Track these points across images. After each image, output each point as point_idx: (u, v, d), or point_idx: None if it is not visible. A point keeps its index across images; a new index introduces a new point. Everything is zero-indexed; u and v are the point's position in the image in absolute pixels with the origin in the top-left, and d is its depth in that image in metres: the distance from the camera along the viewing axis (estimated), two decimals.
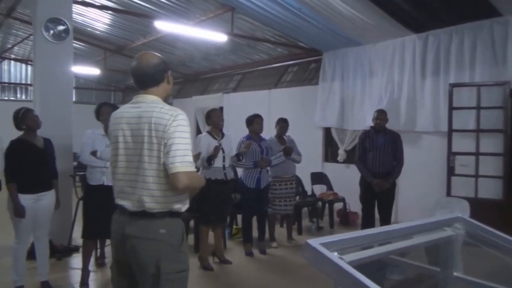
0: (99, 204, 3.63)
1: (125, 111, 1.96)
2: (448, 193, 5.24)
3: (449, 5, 5.19)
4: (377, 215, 4.83)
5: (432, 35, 5.86)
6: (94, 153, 3.65)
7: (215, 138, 4.33)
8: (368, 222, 4.73)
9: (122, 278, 1.98)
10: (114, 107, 3.85)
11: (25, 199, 3.42)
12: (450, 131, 5.36)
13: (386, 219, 4.71)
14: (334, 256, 1.06)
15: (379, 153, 4.68)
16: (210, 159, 4.16)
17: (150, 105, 1.89)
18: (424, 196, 5.60)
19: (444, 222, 1.44)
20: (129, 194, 1.89)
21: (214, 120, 4.42)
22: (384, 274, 1.80)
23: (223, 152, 4.32)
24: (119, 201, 1.94)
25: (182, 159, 1.79)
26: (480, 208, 4.44)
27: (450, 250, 1.43)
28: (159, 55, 2.02)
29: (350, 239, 1.20)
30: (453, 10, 5.30)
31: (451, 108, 5.37)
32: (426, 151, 5.97)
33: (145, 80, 1.95)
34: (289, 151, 5.08)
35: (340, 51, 7.24)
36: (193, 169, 1.83)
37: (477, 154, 5.22)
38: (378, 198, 4.70)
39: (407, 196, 6.00)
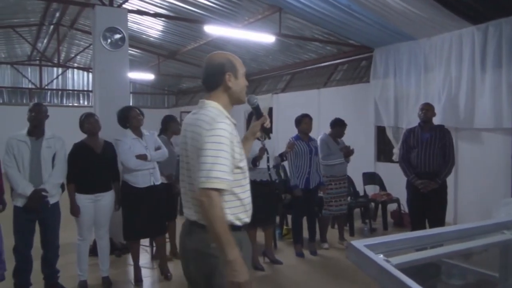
0: (147, 204, 3.79)
1: (189, 117, 1.91)
2: None
3: None
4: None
5: (493, 26, 5.49)
6: (143, 157, 3.77)
7: (258, 139, 4.34)
8: (417, 228, 4.28)
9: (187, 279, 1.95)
10: (140, 110, 4.00)
11: (83, 199, 3.65)
12: None
13: (438, 226, 4.28)
14: (379, 258, 1.03)
15: (424, 150, 4.28)
16: (255, 161, 4.18)
17: (202, 112, 1.80)
18: (485, 197, 5.27)
19: (503, 225, 1.35)
20: (187, 202, 1.86)
21: None
22: (438, 279, 1.72)
23: (267, 153, 4.33)
24: (184, 208, 1.91)
25: (208, 174, 1.63)
26: None
27: (509, 255, 1.34)
28: (225, 55, 1.87)
29: (397, 241, 1.16)
30: None
31: None
32: (487, 149, 5.62)
33: (204, 82, 1.87)
34: (351, 153, 5.03)
35: (392, 47, 7.00)
36: (221, 186, 1.64)
37: None
38: (428, 202, 4.24)
39: (467, 198, 5.68)
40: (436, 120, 4.73)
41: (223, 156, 1.65)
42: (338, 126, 5.19)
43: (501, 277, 1.36)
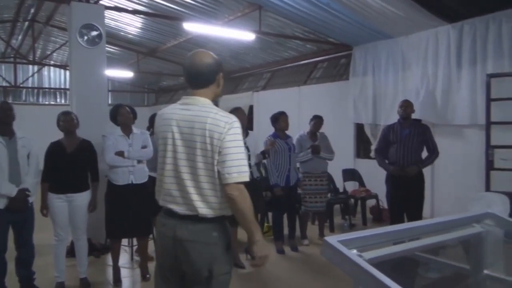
0: (127, 203, 3.75)
1: (175, 112, 1.91)
2: (487, 188, 5.02)
3: None
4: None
5: (467, 24, 5.62)
6: (120, 153, 3.73)
7: None
8: (396, 222, 4.31)
9: (167, 282, 1.96)
10: (131, 108, 3.96)
11: (54, 199, 3.59)
12: (488, 123, 5.13)
13: (415, 219, 4.34)
14: (352, 253, 1.04)
15: (403, 146, 4.39)
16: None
17: (203, 109, 1.84)
18: (461, 192, 5.39)
19: (473, 218, 1.39)
20: (179, 198, 1.86)
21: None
22: (415, 273, 1.76)
23: (248, 150, 4.32)
24: (166, 204, 1.91)
25: (239, 169, 1.76)
26: None
27: (479, 247, 1.37)
28: (214, 55, 1.94)
29: (371, 236, 1.18)
30: None
31: (489, 100, 5.14)
32: (463, 144, 5.75)
33: (196, 80, 1.89)
34: (317, 149, 5.03)
35: (370, 45, 7.09)
36: (248, 178, 1.80)
37: None
38: (406, 196, 4.37)
39: (444, 192, 5.81)
40: (414, 117, 4.83)
41: (243, 151, 1.82)
42: (317, 118, 5.24)
43: (471, 269, 1.40)
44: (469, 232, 1.35)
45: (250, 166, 4.34)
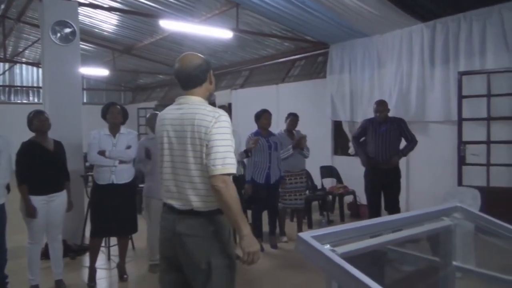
0: (108, 203, 3.71)
1: (169, 113, 2.01)
2: (460, 183, 5.17)
3: None
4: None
5: (440, 23, 5.77)
6: (102, 153, 3.70)
7: None
8: (374, 215, 4.69)
9: (170, 273, 2.04)
10: (122, 108, 3.93)
11: (37, 200, 3.50)
12: (460, 120, 5.28)
13: (394, 211, 4.67)
14: (325, 248, 1.07)
15: (381, 142, 4.70)
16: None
17: (193, 106, 1.93)
18: (435, 186, 5.54)
19: (442, 212, 1.44)
20: (176, 193, 1.95)
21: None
22: (385, 266, 1.80)
23: None
24: (167, 200, 2.00)
25: (223, 161, 1.80)
26: (493, 197, 4.39)
27: (449, 240, 1.42)
28: (201, 55, 2.05)
29: (344, 231, 1.20)
30: None
31: (460, 97, 5.29)
32: (437, 140, 5.90)
33: (188, 81, 1.98)
34: (301, 143, 5.09)
35: (347, 43, 7.19)
36: (234, 170, 1.83)
37: (488, 142, 5.13)
38: (384, 189, 4.71)
39: (418, 187, 5.96)
40: (389, 114, 4.96)
41: (230, 144, 1.86)
42: (292, 116, 5.31)
43: (441, 261, 1.45)
44: (439, 225, 1.40)
45: None
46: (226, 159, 1.81)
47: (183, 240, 1.91)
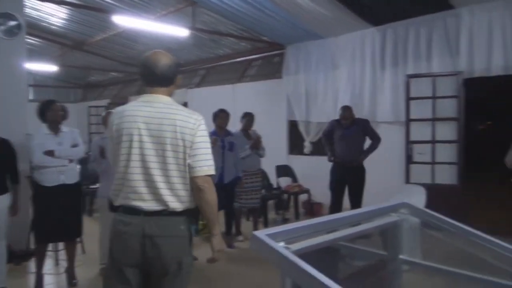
0: (56, 205, 3.55)
1: (139, 109, 1.93)
2: (407, 181, 5.44)
3: None
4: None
5: (390, 28, 6.03)
6: (50, 153, 3.52)
7: None
8: (336, 209, 4.96)
9: (121, 283, 1.91)
10: (62, 105, 3.74)
11: None
12: (408, 120, 5.56)
13: (357, 206, 4.94)
14: (279, 246, 1.09)
15: (346, 142, 4.99)
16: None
17: (170, 106, 1.93)
18: (385, 184, 5.74)
19: (390, 208, 1.51)
20: (146, 194, 1.88)
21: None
22: (337, 261, 1.86)
23: None
24: (130, 202, 1.89)
25: (208, 163, 1.90)
26: (437, 194, 4.63)
27: (396, 235, 1.49)
28: (173, 56, 2.06)
29: (298, 229, 1.23)
30: (409, 3, 5.46)
31: (408, 99, 5.57)
32: (387, 140, 6.09)
33: (159, 80, 1.96)
34: (257, 144, 5.13)
35: (302, 45, 7.33)
36: (214, 171, 1.94)
37: (433, 142, 5.44)
38: (349, 185, 4.99)
39: (369, 185, 6.15)
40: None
41: (210, 147, 1.96)
42: (248, 115, 5.36)
43: (389, 255, 1.52)
44: (387, 221, 1.47)
45: None
46: (209, 161, 1.91)
47: (156, 241, 1.86)
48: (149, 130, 1.88)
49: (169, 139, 1.86)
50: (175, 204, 1.89)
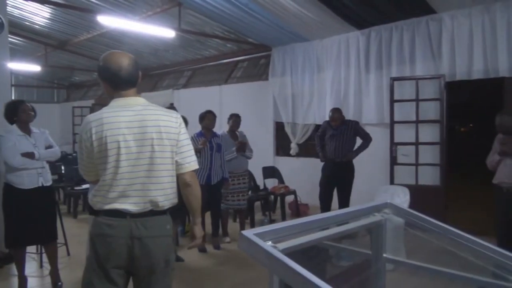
0: (35, 208, 3.48)
1: (118, 115, 1.88)
2: (392, 181, 5.53)
3: (389, 2, 5.44)
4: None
5: (374, 31, 6.12)
6: (29, 155, 3.45)
7: None
8: (324, 207, 5.19)
9: (107, 286, 1.89)
10: (32, 106, 3.67)
11: None
12: (392, 122, 5.65)
13: (344, 204, 5.10)
14: (267, 245, 1.11)
15: (336, 142, 5.16)
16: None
17: (148, 108, 1.96)
18: (370, 184, 5.84)
19: (374, 208, 1.54)
20: (135, 197, 1.89)
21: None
22: (324, 261, 1.90)
23: None
24: (116, 206, 1.87)
25: (192, 159, 2.01)
26: (421, 194, 4.75)
27: (379, 234, 1.53)
28: (131, 55, 2.02)
29: (285, 228, 1.25)
30: (393, 7, 5.56)
31: (392, 101, 5.66)
32: (372, 142, 6.23)
33: (127, 81, 1.95)
34: (243, 147, 5.15)
35: (288, 47, 7.38)
36: (197, 166, 2.06)
37: (416, 143, 5.54)
38: (338, 184, 5.17)
39: (355, 185, 6.23)
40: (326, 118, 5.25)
41: (191, 143, 2.07)
42: (235, 116, 5.38)
43: (373, 254, 1.56)
44: (371, 221, 1.50)
45: None
46: (193, 157, 2.03)
47: (145, 242, 1.88)
48: (133, 135, 1.87)
49: (155, 140, 1.89)
50: (164, 203, 1.94)
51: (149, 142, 1.88)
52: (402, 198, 4.10)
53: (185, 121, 4.30)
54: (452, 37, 5.31)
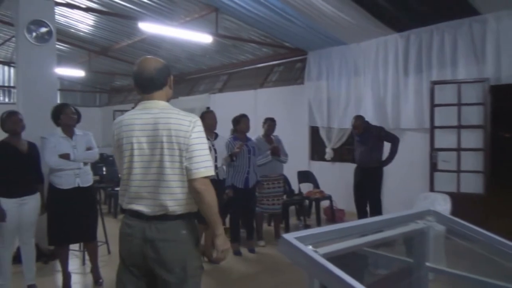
0: (73, 208, 3.62)
1: (136, 118, 1.97)
2: (431, 189, 5.36)
3: (429, 4, 5.31)
4: None
5: (414, 34, 5.97)
6: (65, 156, 3.61)
7: (208, 139, 4.38)
8: (361, 213, 5.35)
9: (137, 281, 1.99)
10: (75, 108, 3.84)
11: (9, 203, 3.43)
12: (432, 127, 5.49)
13: (374, 210, 5.19)
14: (308, 249, 1.12)
15: (362, 149, 5.25)
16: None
17: (164, 111, 1.94)
18: (408, 192, 5.69)
19: (417, 215, 1.51)
20: (147, 200, 1.92)
21: (207, 122, 4.50)
22: (362, 267, 1.87)
23: (215, 152, 4.46)
24: (133, 207, 1.95)
25: (205, 165, 1.88)
26: (462, 202, 4.57)
27: (422, 242, 1.50)
28: (161, 59, 2.06)
29: (326, 233, 1.26)
30: (433, 9, 5.42)
31: (432, 105, 5.50)
32: (410, 147, 6.08)
33: (149, 84, 1.98)
34: (277, 151, 5.17)
35: (324, 51, 7.33)
36: (213, 173, 1.94)
37: (458, 149, 5.35)
38: (366, 189, 5.29)
39: (392, 192, 6.11)
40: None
41: (207, 147, 1.95)
42: (270, 120, 5.41)
43: (415, 262, 1.52)
44: (413, 228, 1.47)
45: (216, 167, 4.47)
46: (206, 162, 1.89)
47: (157, 245, 1.90)
48: (146, 137, 1.92)
49: (165, 144, 1.88)
50: (174, 208, 1.91)
51: (160, 145, 1.89)
52: (443, 206, 3.97)
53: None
54: (497, 39, 5.10)
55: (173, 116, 1.91)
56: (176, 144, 1.87)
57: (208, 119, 4.51)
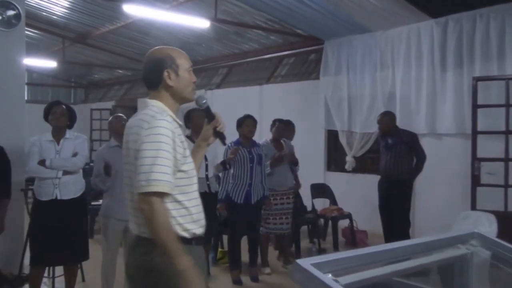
0: (51, 223, 3.64)
1: (130, 120, 2.03)
2: (473, 206, 5.32)
3: None
4: None
5: (452, 20, 5.97)
6: (42, 162, 3.63)
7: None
8: (388, 235, 5.34)
9: None
10: (69, 108, 3.86)
11: None
12: (475, 133, 5.45)
13: (401, 227, 5.20)
14: (327, 278, 1.11)
15: (386, 154, 5.28)
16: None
17: (144, 111, 1.94)
18: (444, 210, 5.68)
19: (458, 239, 1.50)
20: (130, 215, 1.96)
21: (195, 123, 4.41)
22: None
23: (206, 160, 4.36)
24: (129, 224, 2.02)
25: (147, 177, 1.73)
26: (511, 223, 4.53)
27: (464, 270, 1.49)
28: (166, 50, 2.02)
29: (347, 259, 1.25)
30: None
31: (475, 106, 5.46)
32: (448, 156, 6.06)
33: (144, 81, 2.03)
34: (278, 162, 5.12)
35: (344, 39, 7.34)
36: (163, 189, 1.74)
37: (506, 160, 5.31)
38: (393, 202, 5.26)
39: (425, 209, 6.09)
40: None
41: (163, 156, 1.77)
42: (278, 122, 5.42)
43: None
44: (454, 254, 1.46)
45: (207, 178, 4.42)
46: (151, 174, 1.73)
47: (130, 272, 1.95)
48: (126, 143, 1.96)
49: (132, 150, 1.87)
50: (133, 227, 1.93)
51: (129, 153, 1.90)
52: (487, 228, 3.91)
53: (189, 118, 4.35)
54: None
55: (141, 117, 1.89)
56: (132, 150, 1.86)
57: (197, 119, 4.33)
